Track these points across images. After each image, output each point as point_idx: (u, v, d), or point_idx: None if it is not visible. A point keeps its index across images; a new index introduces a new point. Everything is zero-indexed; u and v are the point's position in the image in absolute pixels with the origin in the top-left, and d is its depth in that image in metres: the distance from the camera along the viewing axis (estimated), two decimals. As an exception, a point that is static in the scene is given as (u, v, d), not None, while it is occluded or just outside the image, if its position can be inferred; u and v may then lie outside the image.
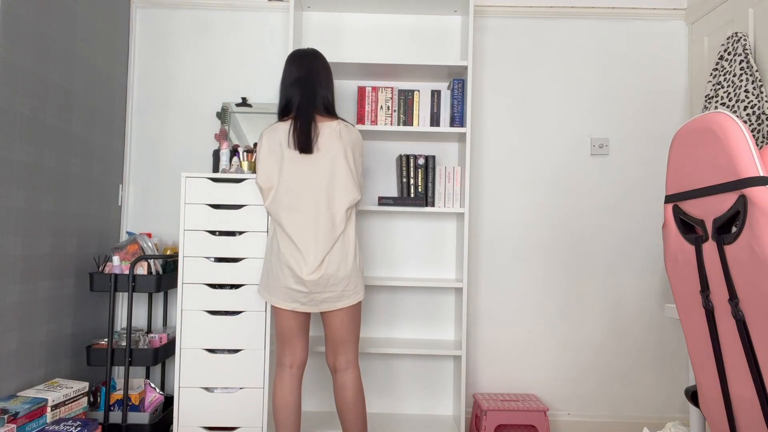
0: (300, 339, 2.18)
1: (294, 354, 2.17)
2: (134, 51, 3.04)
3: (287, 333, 2.16)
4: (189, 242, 2.48)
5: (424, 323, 2.99)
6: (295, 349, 2.17)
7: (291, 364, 2.17)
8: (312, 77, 2.17)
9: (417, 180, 2.81)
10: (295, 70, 2.19)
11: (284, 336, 2.17)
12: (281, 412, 2.14)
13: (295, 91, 2.16)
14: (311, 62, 2.20)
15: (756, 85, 2.41)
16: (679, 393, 2.99)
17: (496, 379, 3.00)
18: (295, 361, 2.18)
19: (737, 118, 1.12)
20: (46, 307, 2.36)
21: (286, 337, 2.17)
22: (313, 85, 2.16)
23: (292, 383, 2.16)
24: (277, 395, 2.16)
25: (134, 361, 2.53)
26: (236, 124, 2.96)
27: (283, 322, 2.15)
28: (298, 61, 2.21)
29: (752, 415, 1.18)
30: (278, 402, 2.15)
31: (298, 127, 2.10)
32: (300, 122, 2.10)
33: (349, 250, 2.10)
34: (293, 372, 2.17)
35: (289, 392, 2.15)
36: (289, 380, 2.16)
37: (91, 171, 2.70)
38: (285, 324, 2.15)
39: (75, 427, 2.13)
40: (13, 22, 2.12)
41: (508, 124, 3.05)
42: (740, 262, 1.11)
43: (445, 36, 3.05)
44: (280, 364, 2.18)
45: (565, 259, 3.02)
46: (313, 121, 2.11)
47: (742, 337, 1.15)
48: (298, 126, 2.10)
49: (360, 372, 2.23)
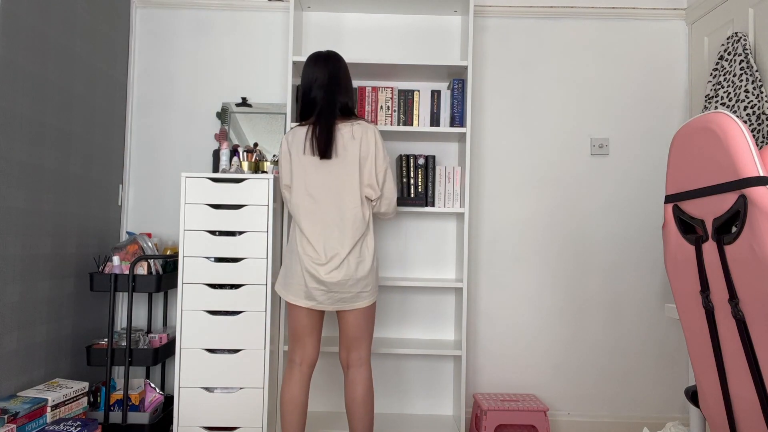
0: (312, 338, 2.21)
1: (305, 352, 2.20)
2: (134, 51, 3.04)
3: (300, 331, 2.19)
4: (189, 242, 2.48)
5: (424, 323, 2.99)
6: (306, 347, 2.20)
7: (301, 362, 2.20)
8: (334, 82, 2.19)
9: (417, 180, 2.81)
10: (317, 74, 2.20)
11: (297, 334, 2.19)
12: (288, 409, 2.17)
13: (316, 96, 2.18)
14: (333, 66, 2.22)
15: (756, 85, 2.41)
16: (679, 393, 2.99)
17: (496, 379, 3.00)
18: (305, 359, 2.21)
19: (737, 118, 1.12)
20: (46, 307, 2.36)
21: (298, 335, 2.19)
22: (333, 90, 2.18)
23: (301, 381, 2.19)
24: (285, 392, 2.18)
25: (134, 361, 2.53)
26: (236, 124, 2.96)
27: (298, 319, 2.18)
28: (321, 64, 2.22)
29: (752, 415, 1.18)
30: (286, 399, 2.18)
31: (318, 133, 2.12)
32: (320, 128, 2.12)
33: (367, 254, 2.13)
34: (303, 370, 2.20)
35: (298, 390, 2.18)
36: (299, 378, 2.19)
37: (91, 171, 2.70)
38: (299, 322, 2.18)
39: (75, 427, 2.13)
40: (13, 22, 2.12)
41: (508, 124, 3.05)
42: (740, 262, 1.11)
43: (445, 36, 3.05)
44: (291, 361, 2.21)
45: (565, 259, 3.02)
46: (334, 127, 2.13)
47: (742, 337, 1.15)
48: (317, 131, 2.12)
49: (371, 371, 2.26)
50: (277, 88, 3.03)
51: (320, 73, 2.20)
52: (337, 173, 2.13)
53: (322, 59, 2.24)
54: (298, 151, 2.15)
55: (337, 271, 2.07)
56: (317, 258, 2.08)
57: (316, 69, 2.21)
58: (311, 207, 2.12)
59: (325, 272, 2.07)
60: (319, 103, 2.17)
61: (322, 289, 2.09)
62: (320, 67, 2.21)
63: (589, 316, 3.01)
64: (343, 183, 2.12)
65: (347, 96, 2.22)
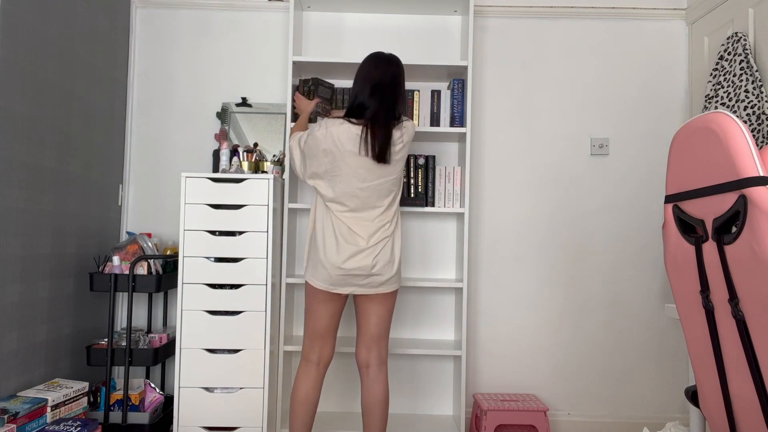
0: (330, 337, 2.23)
1: (323, 351, 2.22)
2: (134, 51, 3.04)
3: (320, 328, 2.20)
4: (189, 242, 2.48)
5: (424, 323, 2.99)
6: (324, 346, 2.22)
7: (318, 361, 2.21)
8: (394, 87, 2.17)
9: (417, 180, 2.81)
10: (379, 75, 2.16)
11: (317, 332, 2.20)
12: (300, 407, 2.18)
13: (375, 97, 2.14)
14: (395, 71, 2.19)
15: (756, 85, 2.41)
16: (679, 393, 2.99)
17: (496, 379, 3.00)
18: (322, 359, 2.22)
19: (737, 118, 1.12)
20: (46, 307, 2.36)
21: (318, 334, 2.20)
22: (394, 95, 2.16)
23: (316, 380, 2.20)
24: (299, 390, 2.19)
25: (134, 361, 2.53)
26: (236, 124, 2.96)
27: (319, 311, 2.18)
28: (384, 66, 2.18)
29: (752, 415, 1.18)
30: (299, 397, 2.18)
31: (376, 136, 2.09)
32: (378, 132, 2.09)
33: (396, 251, 2.18)
34: (319, 369, 2.22)
35: (312, 388, 2.19)
36: (314, 377, 2.20)
37: (91, 171, 2.70)
38: (320, 313, 2.18)
39: (75, 427, 2.13)
40: (13, 22, 2.12)
41: (508, 124, 3.05)
42: (740, 262, 1.11)
43: (445, 36, 3.05)
44: (307, 360, 2.22)
45: (565, 259, 3.02)
46: (391, 132, 2.12)
47: (742, 337, 1.15)
48: (374, 134, 2.09)
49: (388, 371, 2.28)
50: (277, 88, 3.03)
51: (383, 76, 2.16)
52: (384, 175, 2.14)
53: (385, 61, 2.19)
54: (352, 149, 2.10)
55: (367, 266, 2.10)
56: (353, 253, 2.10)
57: (378, 70, 2.16)
58: (354, 206, 2.13)
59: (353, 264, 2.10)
60: (377, 105, 2.12)
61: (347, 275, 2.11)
62: (384, 69, 2.17)
63: (589, 316, 3.01)
64: (386, 185, 2.15)
65: (403, 102, 2.23)
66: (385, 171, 2.14)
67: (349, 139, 2.09)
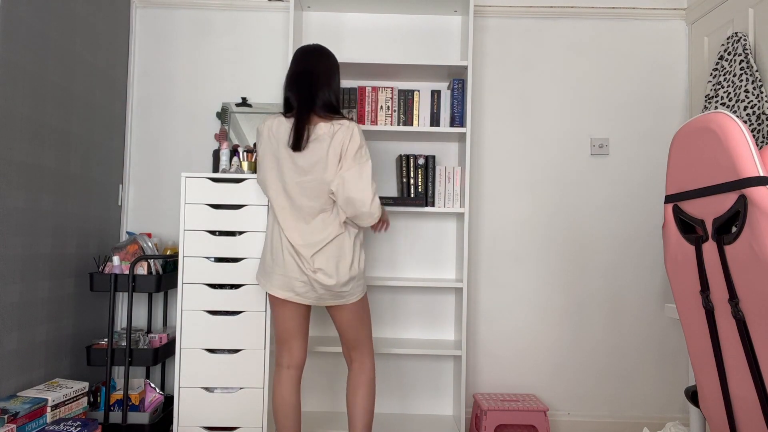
0: (298, 340, 2.18)
1: (292, 355, 2.18)
2: (134, 51, 3.04)
3: (284, 332, 2.17)
4: (189, 242, 2.48)
5: (424, 323, 2.99)
6: (292, 349, 2.18)
7: (289, 365, 2.18)
8: (309, 76, 2.12)
9: (417, 180, 2.81)
10: (294, 67, 2.16)
11: (282, 336, 2.18)
12: (281, 412, 2.15)
13: (293, 89, 2.13)
14: (310, 60, 2.16)
15: (756, 85, 2.41)
16: (679, 393, 2.99)
17: (496, 379, 3.00)
18: (293, 362, 2.18)
19: (737, 118, 1.12)
20: (46, 307, 2.36)
21: (283, 338, 2.18)
22: (309, 84, 2.11)
23: (291, 384, 2.17)
24: (276, 396, 2.17)
25: (134, 361, 2.53)
26: (236, 124, 2.96)
27: (279, 315, 2.15)
28: (298, 57, 2.18)
29: (752, 415, 1.18)
30: (278, 402, 2.16)
31: (294, 127, 2.06)
32: (295, 121, 2.07)
33: (344, 255, 2.07)
34: (291, 373, 2.18)
35: (288, 393, 2.16)
36: (288, 381, 2.17)
37: (91, 171, 2.70)
38: (282, 317, 2.15)
39: (75, 427, 2.13)
40: (13, 22, 2.12)
41: (508, 124, 3.05)
42: (740, 262, 1.11)
43: (445, 36, 3.05)
44: (279, 364, 2.19)
45: (565, 259, 3.02)
46: (308, 122, 2.07)
47: (742, 337, 1.15)
48: (293, 125, 2.07)
49: (374, 366, 2.26)
50: (277, 89, 3.03)
51: (297, 67, 2.15)
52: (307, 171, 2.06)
53: (300, 53, 2.19)
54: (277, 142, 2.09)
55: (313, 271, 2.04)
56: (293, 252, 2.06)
57: (294, 63, 2.17)
58: (283, 204, 2.08)
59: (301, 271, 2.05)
60: (296, 97, 2.11)
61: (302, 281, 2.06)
62: (298, 60, 2.17)
63: (589, 316, 3.01)
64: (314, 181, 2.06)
65: (329, 90, 2.13)
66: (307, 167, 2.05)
67: (285, 131, 2.09)
